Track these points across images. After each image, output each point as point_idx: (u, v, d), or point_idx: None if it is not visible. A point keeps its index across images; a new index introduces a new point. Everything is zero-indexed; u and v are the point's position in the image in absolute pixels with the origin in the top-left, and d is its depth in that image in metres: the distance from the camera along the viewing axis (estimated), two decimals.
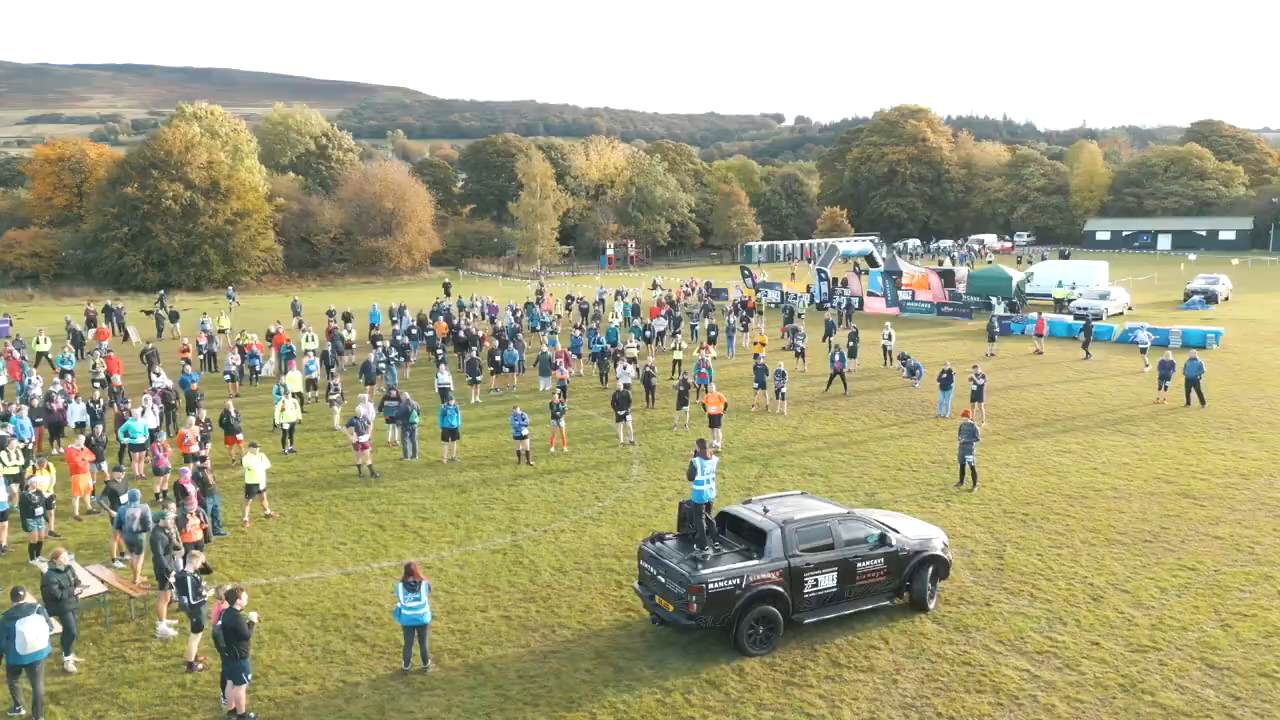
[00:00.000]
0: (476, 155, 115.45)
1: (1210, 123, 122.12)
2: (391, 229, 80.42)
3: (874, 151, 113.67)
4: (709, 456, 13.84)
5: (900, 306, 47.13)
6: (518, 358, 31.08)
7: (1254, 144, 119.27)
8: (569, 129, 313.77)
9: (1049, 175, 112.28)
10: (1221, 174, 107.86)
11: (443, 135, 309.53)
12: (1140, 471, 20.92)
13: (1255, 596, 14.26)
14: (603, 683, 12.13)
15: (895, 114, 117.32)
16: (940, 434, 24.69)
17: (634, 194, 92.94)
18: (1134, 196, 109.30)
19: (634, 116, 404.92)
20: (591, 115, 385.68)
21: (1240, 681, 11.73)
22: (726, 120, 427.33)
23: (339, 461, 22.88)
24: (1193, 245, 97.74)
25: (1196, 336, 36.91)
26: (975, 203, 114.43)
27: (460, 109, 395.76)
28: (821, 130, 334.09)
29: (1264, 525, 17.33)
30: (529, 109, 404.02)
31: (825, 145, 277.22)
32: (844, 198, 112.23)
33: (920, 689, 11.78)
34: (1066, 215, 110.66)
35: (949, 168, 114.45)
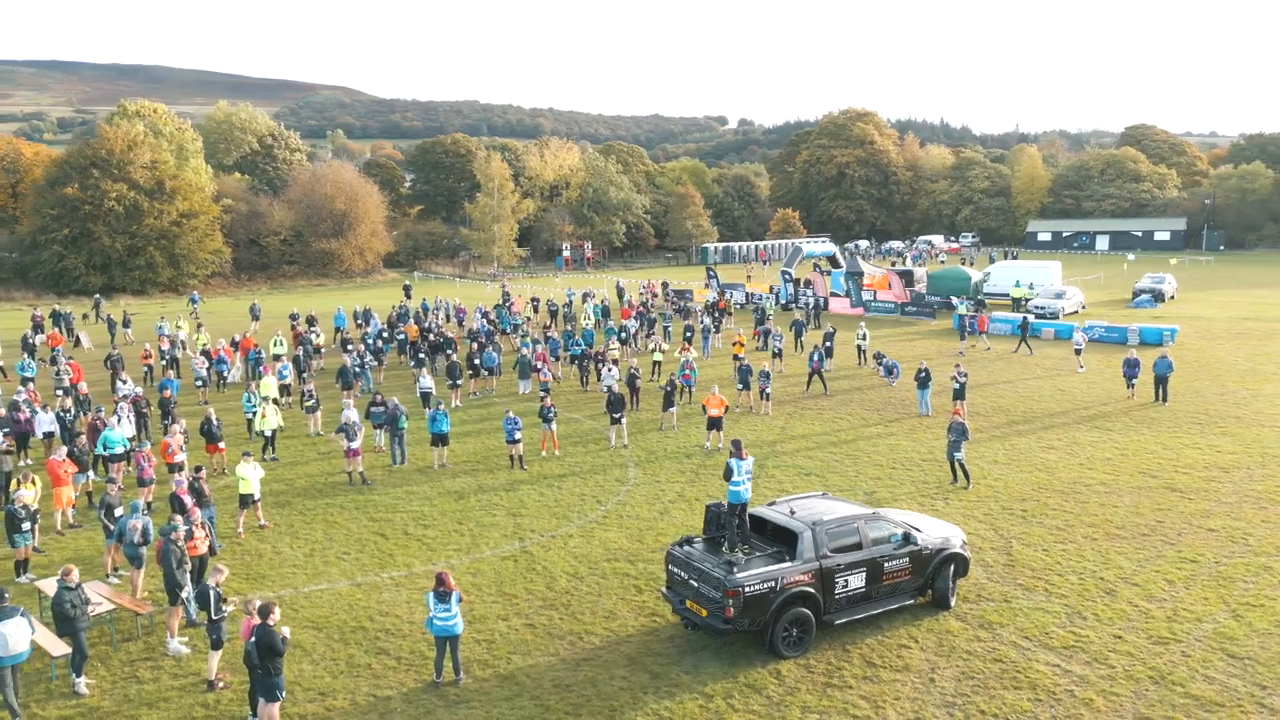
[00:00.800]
0: (425, 155, 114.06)
1: (1143, 127, 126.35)
2: (343, 230, 78.88)
3: (823, 154, 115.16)
4: (745, 457, 13.77)
5: (865, 307, 47.74)
6: (496, 360, 30.67)
7: (1184, 148, 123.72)
8: (513, 129, 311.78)
9: (991, 178, 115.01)
10: (1155, 176, 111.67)
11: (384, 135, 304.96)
12: (1125, 466, 21.46)
13: (1259, 587, 14.70)
14: (641, 690, 11.98)
15: (843, 117, 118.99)
16: (925, 432, 25.03)
17: (589, 195, 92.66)
18: (1072, 198, 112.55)
19: (578, 118, 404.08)
20: (536, 116, 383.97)
21: (1263, 670, 12.07)
22: (671, 122, 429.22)
23: (326, 469, 22.30)
24: (1129, 246, 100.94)
25: (1153, 334, 38.07)
26: (921, 204, 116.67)
27: (402, 109, 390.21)
28: (765, 133, 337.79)
29: (1252, 517, 17.90)
30: (472, 109, 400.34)
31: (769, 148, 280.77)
32: (794, 199, 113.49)
33: (959, 687, 11.88)
34: (1009, 216, 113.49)
35: (895, 170, 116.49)
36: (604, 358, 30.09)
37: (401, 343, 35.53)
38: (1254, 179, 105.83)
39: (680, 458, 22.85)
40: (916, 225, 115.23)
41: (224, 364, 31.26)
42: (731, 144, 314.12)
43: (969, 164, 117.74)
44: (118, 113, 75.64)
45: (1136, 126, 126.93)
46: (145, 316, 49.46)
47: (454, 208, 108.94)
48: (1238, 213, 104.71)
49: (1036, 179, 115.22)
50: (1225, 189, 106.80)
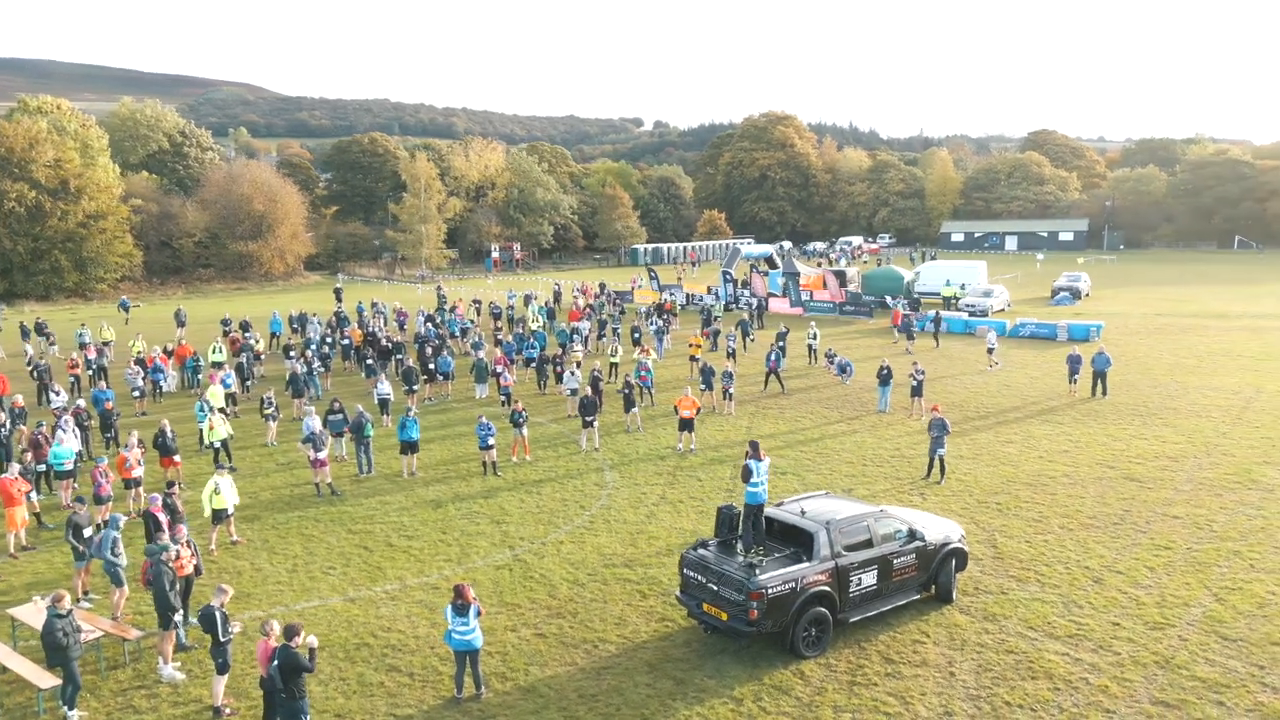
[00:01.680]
0: (341, 155, 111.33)
1: (1045, 132, 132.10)
2: (262, 232, 76.29)
3: (745, 156, 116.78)
4: (763, 458, 13.75)
5: (803, 306, 48.54)
6: (451, 365, 30.03)
7: (1084, 152, 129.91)
8: (425, 129, 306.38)
9: (906, 180, 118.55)
10: (1058, 179, 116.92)
11: (290, 134, 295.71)
12: (1082, 458, 22.29)
13: (1234, 571, 15.43)
14: (668, 696, 11.85)
15: (763, 120, 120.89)
16: (886, 429, 25.55)
17: (515, 196, 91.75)
18: (982, 200, 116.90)
19: (493, 117, 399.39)
20: (449, 115, 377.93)
21: (1257, 651, 12.65)
22: (586, 123, 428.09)
23: (290, 480, 21.46)
24: (1036, 246, 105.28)
25: (1081, 330, 39.76)
26: (840, 206, 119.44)
27: (308, 106, 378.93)
28: (681, 135, 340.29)
29: (1211, 504, 18.79)
30: (382, 108, 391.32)
31: (685, 149, 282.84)
32: (717, 201, 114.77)
33: (979, 680, 12.11)
34: (923, 218, 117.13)
35: (815, 173, 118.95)
36: (562, 361, 29.78)
37: (346, 348, 34.48)
38: (1149, 182, 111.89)
39: (654, 460, 22.76)
40: (836, 227, 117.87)
41: (160, 373, 29.78)
42: (648, 145, 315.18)
43: (884, 167, 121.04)
44: (17, 108, 71.46)
45: (1039, 131, 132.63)
46: (57, 324, 46.74)
47: (372, 209, 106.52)
48: (1134, 214, 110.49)
49: (948, 181, 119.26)
50: (1122, 191, 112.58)
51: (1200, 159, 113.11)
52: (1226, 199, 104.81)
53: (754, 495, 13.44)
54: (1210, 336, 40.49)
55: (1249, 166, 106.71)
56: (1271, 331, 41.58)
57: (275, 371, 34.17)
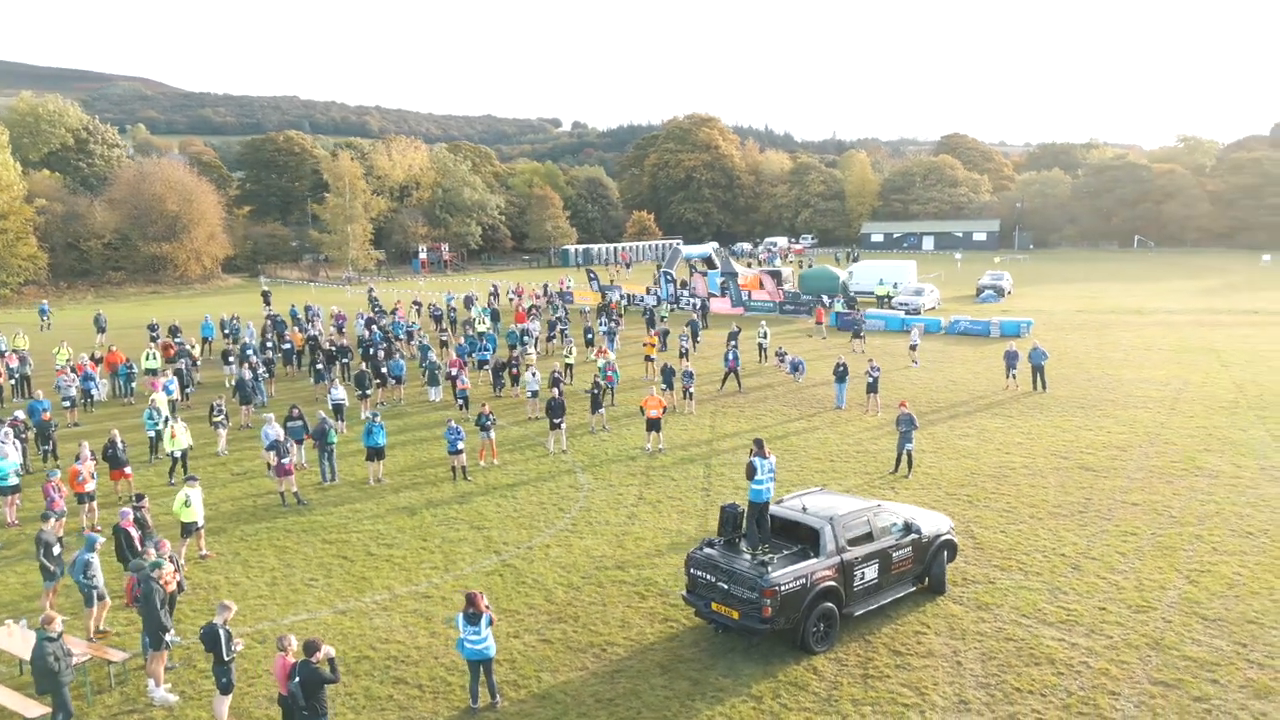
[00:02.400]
0: (255, 153, 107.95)
1: (957, 136, 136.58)
2: (177, 233, 73.25)
3: (670, 158, 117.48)
4: (767, 456, 13.79)
5: (744, 306, 49.08)
6: (403, 368, 29.34)
7: (993, 155, 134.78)
8: (337, 127, 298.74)
9: (827, 182, 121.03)
10: (970, 181, 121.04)
11: (192, 131, 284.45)
12: (1036, 450, 23.09)
13: (1199, 554, 16.18)
14: (686, 697, 11.81)
15: (688, 122, 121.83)
16: (846, 425, 26.00)
17: (440, 195, 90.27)
18: (900, 202, 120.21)
19: (408, 116, 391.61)
20: (362, 114, 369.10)
21: (1236, 630, 13.29)
22: (504, 123, 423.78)
23: (249, 490, 20.64)
24: (952, 246, 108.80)
25: (1012, 327, 41.22)
26: (764, 207, 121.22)
27: (211, 103, 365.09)
28: (600, 136, 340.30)
29: (1164, 490, 19.68)
30: (291, 105, 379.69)
31: (604, 150, 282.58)
32: (644, 202, 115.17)
33: (985, 667, 12.41)
34: (844, 219, 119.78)
35: (739, 175, 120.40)
36: (518, 363, 29.44)
37: (288, 352, 33.37)
38: (1054, 185, 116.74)
39: (625, 460, 22.67)
40: (760, 227, 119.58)
41: (92, 381, 28.28)
42: (567, 146, 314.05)
43: (805, 169, 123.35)
44: None
45: (951, 135, 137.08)
46: None
47: (289, 209, 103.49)
48: (1041, 215, 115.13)
49: (866, 183, 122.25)
50: (1030, 193, 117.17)
51: (1101, 163, 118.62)
52: (1126, 201, 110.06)
53: (758, 493, 13.49)
54: (1131, 331, 42.45)
55: (1146, 170, 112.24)
56: (1184, 326, 43.84)
57: (212, 378, 32.86)
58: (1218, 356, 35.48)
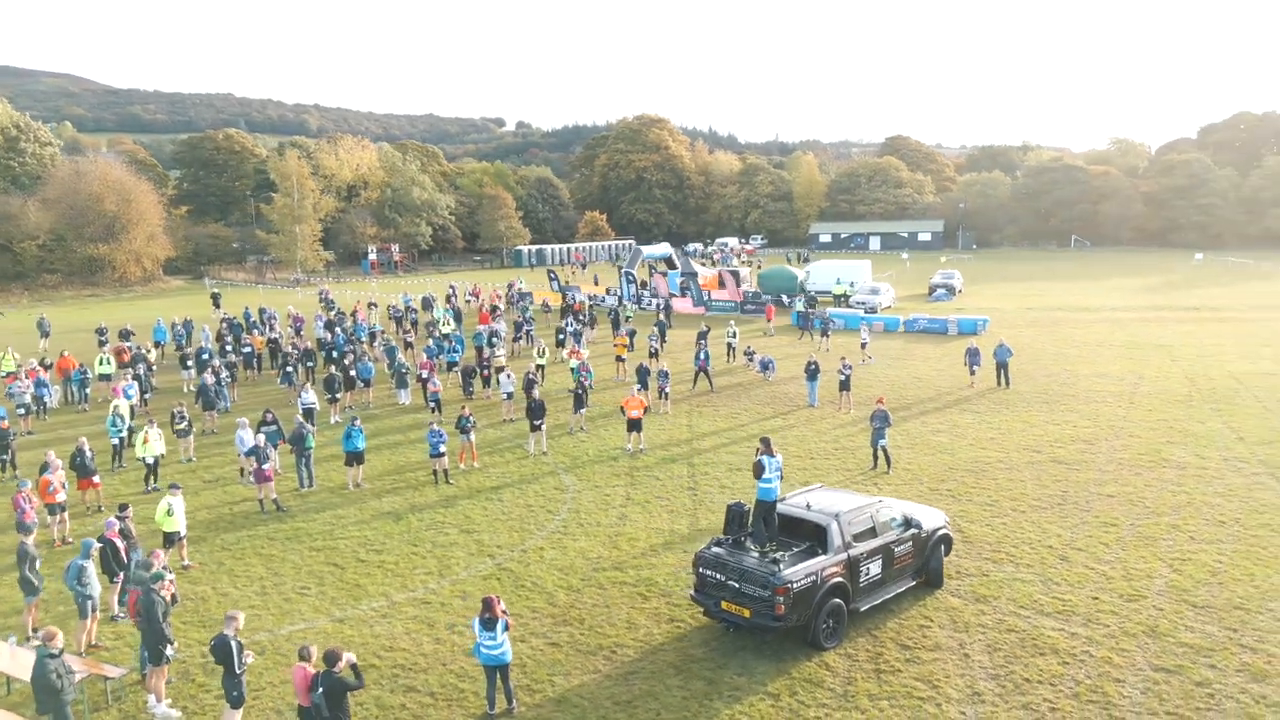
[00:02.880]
0: (193, 152, 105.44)
1: (900, 138, 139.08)
2: (115, 234, 70.95)
3: (621, 158, 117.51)
4: (774, 454, 13.82)
5: (706, 306, 49.29)
6: (372, 371, 28.81)
7: (935, 157, 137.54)
8: (274, 126, 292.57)
9: (776, 183, 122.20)
10: (914, 183, 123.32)
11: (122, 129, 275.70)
12: (1008, 444, 23.57)
13: (1178, 543, 16.68)
14: (704, 697, 11.78)
15: (638, 123, 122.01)
16: (820, 422, 26.25)
17: (390, 195, 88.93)
18: (846, 202, 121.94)
19: (348, 115, 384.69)
20: (300, 112, 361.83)
21: (1225, 616, 13.72)
22: (446, 122, 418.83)
23: (223, 497, 20.06)
24: (898, 246, 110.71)
25: (969, 325, 42.09)
26: (714, 208, 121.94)
27: (141, 100, 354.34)
28: (544, 136, 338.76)
29: (1136, 481, 20.25)
30: (226, 103, 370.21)
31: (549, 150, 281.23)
32: (595, 202, 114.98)
33: (993, 659, 12.61)
34: (793, 219, 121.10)
35: (689, 175, 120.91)
36: (489, 365, 29.13)
37: (248, 355, 32.52)
38: (995, 186, 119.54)
39: (607, 461, 22.56)
40: (710, 228, 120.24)
41: (44, 387, 27.21)
42: (511, 146, 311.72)
43: (754, 170, 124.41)
44: None
45: (894, 137, 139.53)
46: None
47: (228, 209, 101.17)
48: (983, 215, 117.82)
49: (814, 184, 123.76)
50: (971, 194, 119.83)
51: (1039, 164, 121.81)
52: (1064, 201, 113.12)
53: (766, 491, 13.53)
54: (1081, 328, 43.65)
55: (1082, 172, 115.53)
56: (1131, 323, 45.23)
57: (169, 383, 31.90)
58: (1167, 352, 36.66)
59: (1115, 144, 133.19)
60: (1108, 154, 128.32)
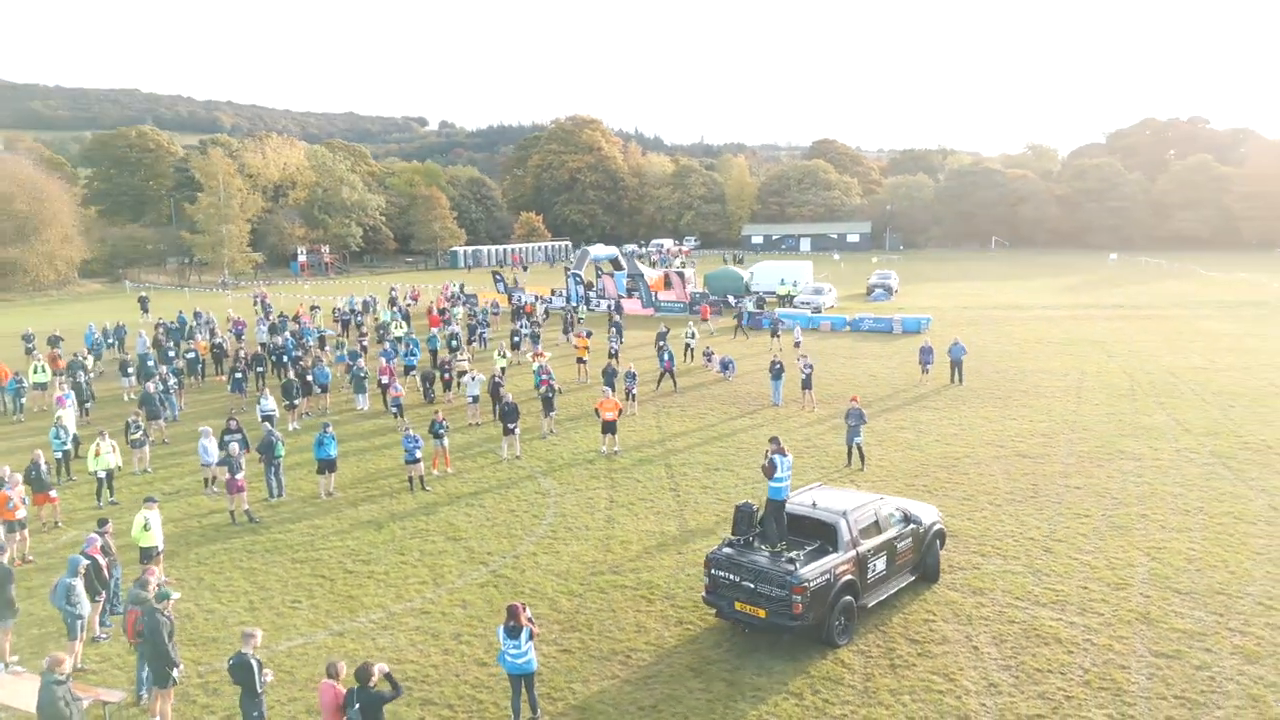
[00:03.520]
0: (104, 150, 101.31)
1: (827, 141, 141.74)
2: (26, 235, 67.47)
3: (554, 159, 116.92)
4: (786, 453, 13.84)
5: (655, 307, 49.35)
6: (329, 376, 27.99)
7: (861, 160, 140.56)
8: (184, 123, 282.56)
9: (708, 185, 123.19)
10: (842, 185, 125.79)
11: (20, 125, 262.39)
12: (972, 439, 24.16)
13: (1149, 531, 17.32)
14: (728, 699, 11.74)
15: (570, 123, 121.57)
16: (787, 421, 26.50)
17: (319, 195, 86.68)
18: (777, 205, 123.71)
19: (263, 113, 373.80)
20: (212, 109, 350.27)
21: (1210, 601, 14.29)
22: (367, 121, 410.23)
23: (188, 510, 19.22)
24: (828, 247, 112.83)
25: (913, 323, 43.10)
26: (648, 209, 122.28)
27: (42, 95, 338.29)
28: (469, 135, 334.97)
29: (1099, 474, 20.96)
30: (132, 99, 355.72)
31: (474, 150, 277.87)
32: (528, 203, 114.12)
33: (1001, 650, 12.88)
34: (725, 221, 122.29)
35: (623, 177, 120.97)
36: (449, 368, 28.62)
37: (191, 361, 31.25)
38: (919, 188, 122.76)
39: (583, 464, 22.36)
40: (644, 229, 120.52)
41: None
42: (435, 145, 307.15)
43: (687, 172, 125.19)
44: None
45: (821, 140, 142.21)
46: None
47: (143, 209, 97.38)
48: (908, 217, 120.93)
49: (745, 186, 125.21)
50: (897, 197, 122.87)
51: (961, 168, 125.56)
52: (984, 204, 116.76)
53: (778, 490, 13.57)
54: (1017, 326, 45.08)
55: (1000, 175, 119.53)
56: (1062, 320, 46.92)
57: (108, 391, 30.43)
58: (1102, 348, 38.13)
59: (1030, 149, 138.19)
60: (1023, 158, 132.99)
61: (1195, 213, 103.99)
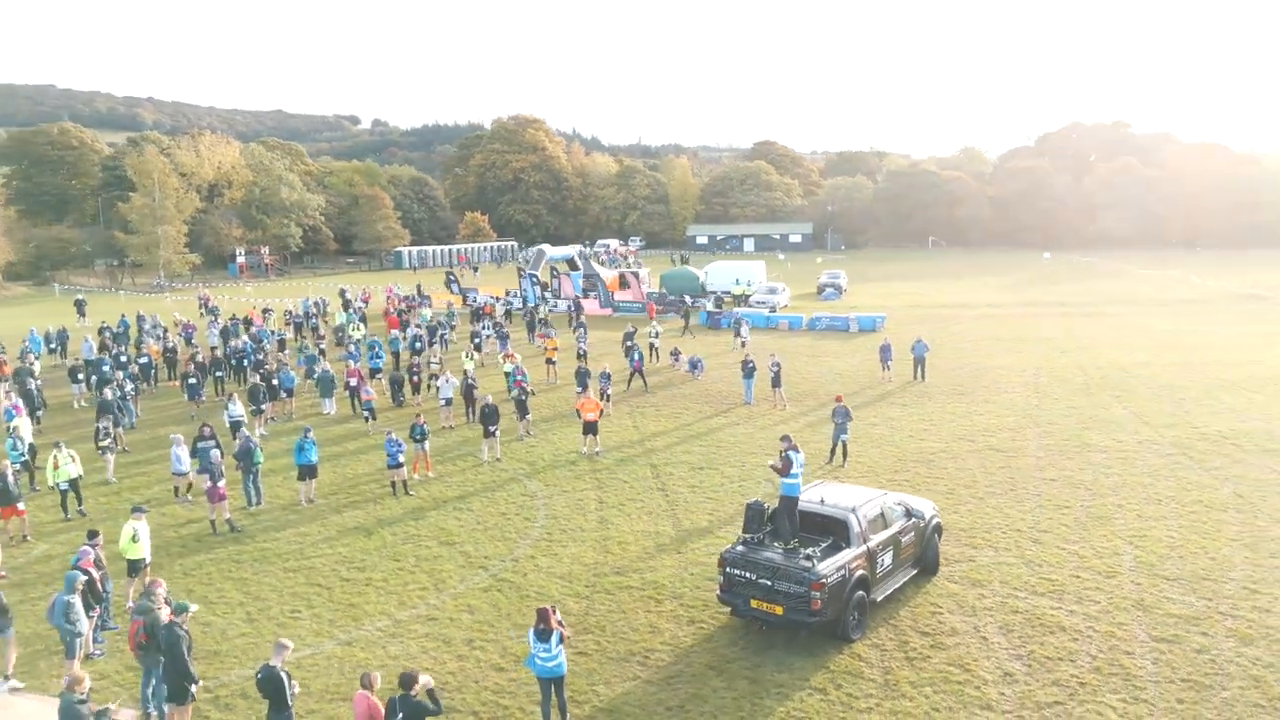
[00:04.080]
0: (23, 148, 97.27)
1: (768, 143, 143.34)
2: None
3: (498, 158, 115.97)
4: (799, 450, 13.91)
5: (614, 307, 49.27)
6: (295, 380, 27.28)
7: (801, 161, 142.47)
8: (104, 120, 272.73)
9: (652, 185, 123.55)
10: (783, 186, 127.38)
11: None
12: (943, 434, 24.65)
13: (1127, 520, 17.89)
14: (753, 697, 11.78)
15: (513, 123, 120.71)
16: (762, 419, 26.71)
17: (256, 195, 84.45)
18: (720, 205, 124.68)
19: (186, 109, 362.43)
20: (132, 106, 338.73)
21: (1197, 586, 14.82)
22: (296, 119, 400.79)
23: (163, 520, 18.51)
24: (771, 247, 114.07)
25: (868, 321, 43.84)
26: (592, 210, 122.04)
27: None
28: (403, 135, 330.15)
29: (1070, 465, 21.57)
30: (47, 95, 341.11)
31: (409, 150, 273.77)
32: (471, 203, 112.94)
33: (1010, 640, 13.17)
34: (669, 221, 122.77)
35: (567, 177, 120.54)
36: (418, 371, 28.16)
37: (145, 366, 30.14)
38: (859, 189, 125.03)
39: (565, 465, 22.20)
40: (589, 229, 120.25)
41: None
42: (369, 145, 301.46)
43: (631, 172, 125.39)
44: None
45: (763, 142, 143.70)
46: None
47: (66, 209, 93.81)
48: (848, 218, 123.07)
49: (689, 187, 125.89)
50: (837, 198, 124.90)
51: (898, 169, 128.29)
52: (921, 205, 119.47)
53: (792, 487, 13.66)
54: (966, 324, 46.19)
55: (936, 176, 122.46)
56: (1008, 318, 48.22)
57: (56, 398, 29.16)
58: (1052, 344, 39.29)
59: (962, 151, 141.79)
60: (956, 160, 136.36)
61: (1120, 213, 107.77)
